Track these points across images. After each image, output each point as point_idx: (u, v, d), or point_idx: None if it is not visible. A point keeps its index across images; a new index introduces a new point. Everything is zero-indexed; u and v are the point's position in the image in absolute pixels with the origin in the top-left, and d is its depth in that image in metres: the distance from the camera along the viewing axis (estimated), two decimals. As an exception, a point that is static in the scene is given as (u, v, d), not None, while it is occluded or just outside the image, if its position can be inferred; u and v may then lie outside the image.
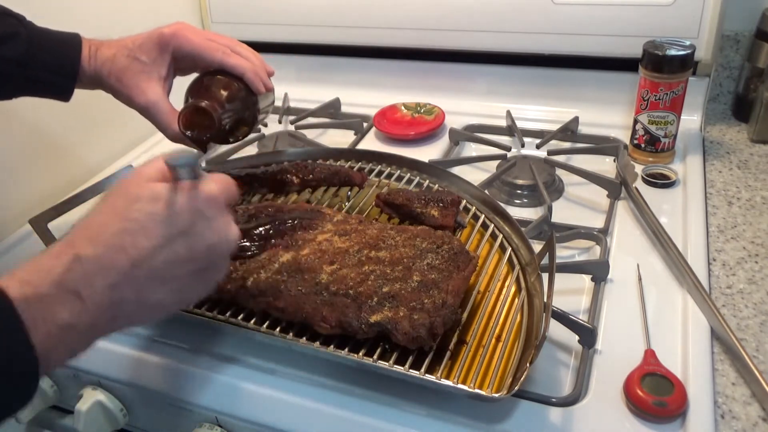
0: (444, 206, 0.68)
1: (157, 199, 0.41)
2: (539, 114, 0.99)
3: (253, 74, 0.67)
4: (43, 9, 0.86)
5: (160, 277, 0.42)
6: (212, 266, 0.45)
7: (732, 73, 0.98)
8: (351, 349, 0.53)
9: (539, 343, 0.49)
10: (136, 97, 0.65)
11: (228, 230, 0.45)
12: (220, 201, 0.45)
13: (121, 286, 0.40)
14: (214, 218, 0.44)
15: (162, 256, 0.41)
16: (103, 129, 0.98)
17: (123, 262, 0.40)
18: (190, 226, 0.42)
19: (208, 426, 0.58)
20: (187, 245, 0.42)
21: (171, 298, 0.43)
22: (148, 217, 0.41)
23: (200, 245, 0.43)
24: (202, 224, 0.43)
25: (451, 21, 0.99)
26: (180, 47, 0.66)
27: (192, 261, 0.43)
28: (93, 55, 0.65)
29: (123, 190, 0.43)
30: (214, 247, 0.44)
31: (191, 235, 0.42)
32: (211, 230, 0.44)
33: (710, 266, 0.66)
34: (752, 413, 0.51)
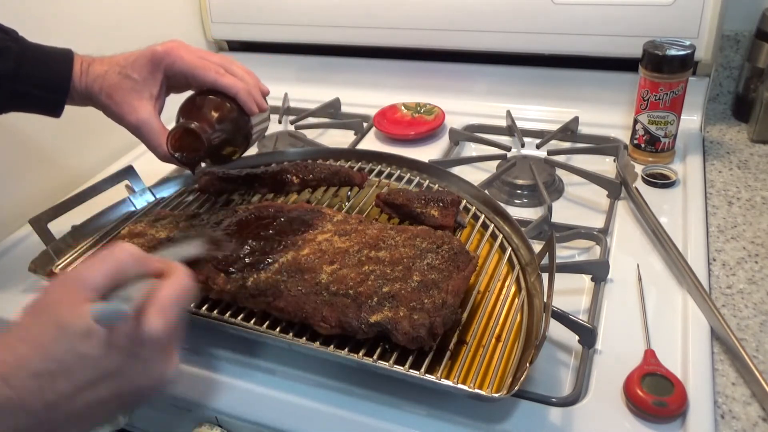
0: (444, 206, 0.68)
1: (90, 337, 0.37)
2: (539, 114, 0.99)
3: (246, 94, 0.66)
4: (43, 10, 0.87)
5: (78, 415, 0.39)
6: (135, 401, 0.42)
7: (732, 73, 0.98)
8: (351, 349, 0.53)
9: (539, 343, 0.49)
10: (126, 115, 0.64)
11: (165, 369, 0.41)
12: (162, 340, 0.40)
13: (29, 428, 0.37)
14: (151, 360, 0.40)
15: (82, 399, 0.38)
16: (103, 129, 0.97)
17: (36, 405, 0.37)
18: (122, 368, 0.39)
19: (208, 426, 0.58)
20: (113, 387, 0.39)
21: (90, 426, 0.41)
22: (74, 359, 0.37)
23: (128, 387, 0.40)
24: (135, 367, 0.39)
25: (451, 21, 0.99)
26: (173, 65, 0.65)
27: (116, 399, 0.40)
28: (84, 71, 0.65)
29: (54, 313, 0.38)
30: (143, 389, 0.41)
31: (120, 377, 0.39)
32: (144, 374, 0.40)
33: (710, 266, 0.66)
34: (752, 413, 0.51)
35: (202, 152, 0.63)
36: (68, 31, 0.90)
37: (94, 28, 0.74)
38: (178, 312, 0.41)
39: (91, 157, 0.97)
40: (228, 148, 0.68)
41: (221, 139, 0.65)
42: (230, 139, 0.66)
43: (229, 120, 0.65)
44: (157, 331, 0.39)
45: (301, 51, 1.15)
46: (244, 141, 0.68)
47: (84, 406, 0.38)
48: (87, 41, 0.91)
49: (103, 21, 0.96)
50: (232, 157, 0.69)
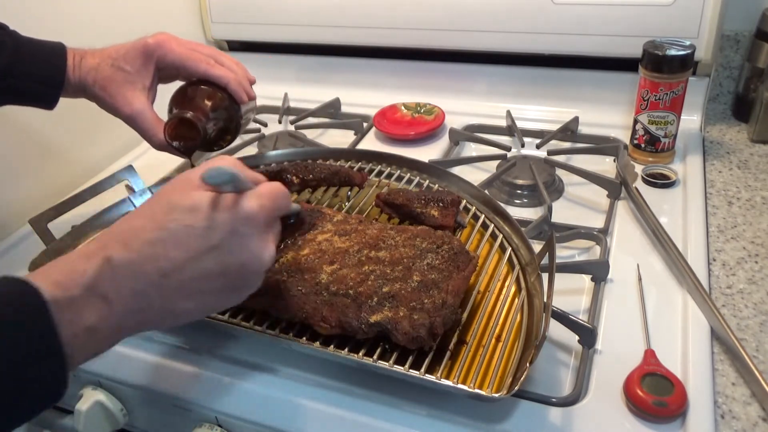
0: (444, 206, 0.68)
1: (196, 211, 0.41)
2: (539, 114, 0.99)
3: (237, 84, 0.68)
4: (43, 10, 0.86)
5: (188, 289, 0.42)
6: (242, 284, 0.45)
7: (732, 73, 0.98)
8: (351, 349, 0.53)
9: (539, 343, 0.49)
10: (121, 107, 0.65)
11: (263, 250, 0.45)
12: (258, 219, 0.44)
13: (148, 293, 0.41)
14: (250, 236, 0.43)
15: (192, 270, 0.42)
16: (103, 129, 0.98)
17: (153, 271, 0.40)
18: (225, 242, 0.42)
19: (208, 426, 0.58)
20: (218, 261, 0.42)
21: (197, 308, 0.44)
22: (183, 229, 0.41)
23: (232, 262, 0.43)
24: (236, 242, 0.43)
25: (451, 21, 0.99)
26: (164, 57, 0.66)
27: (222, 276, 0.43)
28: (77, 64, 0.66)
29: (165, 196, 0.43)
30: (247, 265, 0.44)
31: (224, 251, 0.42)
32: (245, 249, 0.43)
33: (710, 266, 0.66)
34: (752, 413, 0.51)
35: (199, 140, 0.64)
36: (68, 32, 0.90)
37: (94, 28, 0.75)
38: (274, 204, 0.45)
39: (91, 157, 0.97)
40: (221, 136, 0.69)
41: (215, 127, 0.67)
42: (223, 127, 0.68)
43: (221, 108, 0.67)
44: (253, 209, 0.43)
45: (301, 51, 1.15)
46: (236, 128, 0.70)
47: (194, 279, 0.42)
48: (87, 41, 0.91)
49: (102, 21, 0.96)
50: (224, 144, 0.71)
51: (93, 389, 0.63)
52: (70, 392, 0.66)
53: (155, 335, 0.63)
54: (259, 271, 0.45)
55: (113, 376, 0.62)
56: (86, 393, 0.63)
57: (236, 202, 0.43)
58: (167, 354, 0.61)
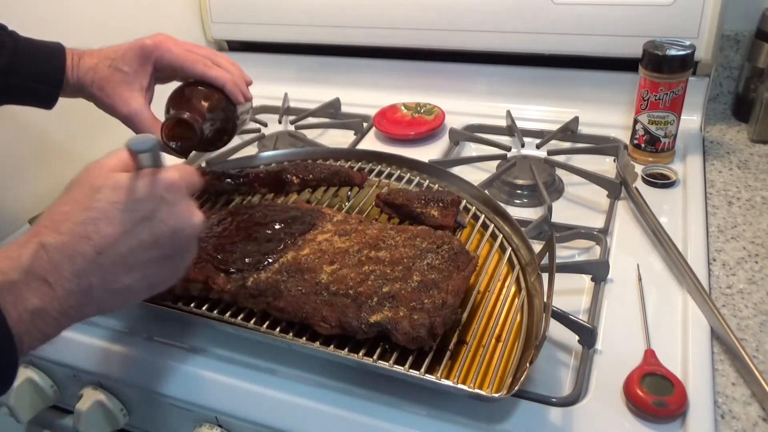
0: (444, 206, 0.68)
1: (119, 188, 0.43)
2: (539, 114, 0.99)
3: (233, 85, 0.68)
4: (42, 10, 0.86)
5: (126, 263, 0.43)
6: (178, 251, 0.46)
7: (732, 73, 0.98)
8: (351, 349, 0.53)
9: (539, 343, 0.49)
10: (118, 107, 0.65)
11: (191, 215, 0.46)
12: (181, 186, 0.46)
13: (87, 273, 0.41)
14: (176, 203, 0.45)
15: (126, 243, 0.43)
16: (103, 128, 0.98)
17: (88, 249, 0.41)
18: (153, 211, 0.44)
19: (208, 426, 0.58)
20: (150, 231, 0.43)
21: (139, 284, 0.45)
22: (110, 206, 0.42)
23: (164, 230, 0.44)
24: (164, 210, 0.44)
25: (451, 21, 0.99)
26: (162, 58, 0.66)
27: (156, 246, 0.44)
28: (75, 64, 0.66)
29: (85, 181, 0.44)
30: (178, 231, 0.45)
31: (154, 220, 0.44)
32: (173, 215, 0.45)
33: (710, 266, 0.66)
34: (752, 413, 0.51)
35: (196, 140, 0.64)
36: (68, 31, 0.90)
37: (94, 28, 0.75)
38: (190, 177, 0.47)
39: (91, 157, 0.96)
40: (218, 137, 0.70)
41: (212, 127, 0.67)
42: (220, 127, 0.68)
43: (218, 109, 0.67)
44: (174, 177, 0.45)
45: (301, 51, 1.15)
46: (232, 129, 0.71)
47: (129, 252, 0.43)
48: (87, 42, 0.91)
49: (102, 21, 0.96)
50: (220, 144, 0.72)
51: (93, 389, 0.63)
52: (70, 392, 0.66)
53: (155, 335, 0.63)
54: (191, 236, 0.47)
55: (113, 376, 0.62)
56: (86, 393, 0.63)
57: (157, 174, 0.44)
58: (167, 354, 0.61)
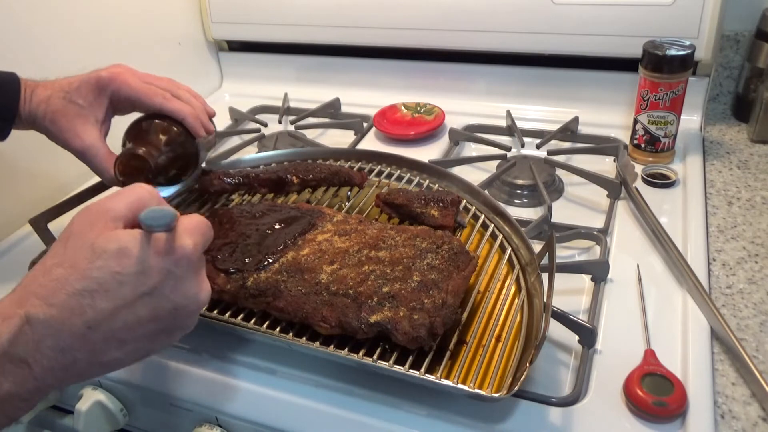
0: (444, 206, 0.68)
1: (124, 256, 0.38)
2: (539, 114, 0.99)
3: (194, 118, 0.67)
4: (41, 10, 0.86)
5: (118, 338, 0.39)
6: (176, 325, 0.43)
7: (732, 73, 0.98)
8: (351, 349, 0.53)
9: (539, 343, 0.49)
10: (71, 141, 0.63)
11: (198, 291, 0.42)
12: (193, 258, 0.41)
13: (73, 348, 0.38)
14: (185, 278, 0.41)
15: (122, 318, 0.39)
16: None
17: (78, 324, 0.37)
18: (157, 286, 0.39)
19: (208, 426, 0.58)
20: (150, 307, 0.40)
21: (128, 356, 0.41)
22: (111, 277, 0.38)
23: (165, 307, 0.40)
24: (170, 285, 0.40)
25: (451, 21, 0.99)
26: (118, 91, 0.64)
27: (154, 321, 0.40)
28: (28, 97, 0.64)
29: (87, 236, 0.39)
30: (181, 309, 0.41)
31: (157, 296, 0.40)
32: (179, 291, 0.41)
33: (710, 266, 0.66)
34: (752, 413, 0.51)
35: (150, 175, 0.63)
36: (67, 32, 0.90)
37: (94, 28, 0.74)
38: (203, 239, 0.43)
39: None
40: (176, 171, 0.69)
41: (169, 161, 0.66)
42: (178, 161, 0.67)
43: (176, 143, 0.66)
44: (188, 248, 0.41)
45: (301, 51, 1.15)
46: (193, 162, 0.70)
47: (124, 328, 0.39)
48: (86, 42, 0.91)
49: (102, 21, 0.96)
50: (182, 178, 0.71)
51: (93, 389, 0.63)
52: (70, 392, 0.66)
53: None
54: (194, 312, 0.43)
55: (113, 376, 0.62)
56: (86, 393, 0.63)
57: (170, 243, 0.40)
58: (167, 354, 0.61)
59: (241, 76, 1.21)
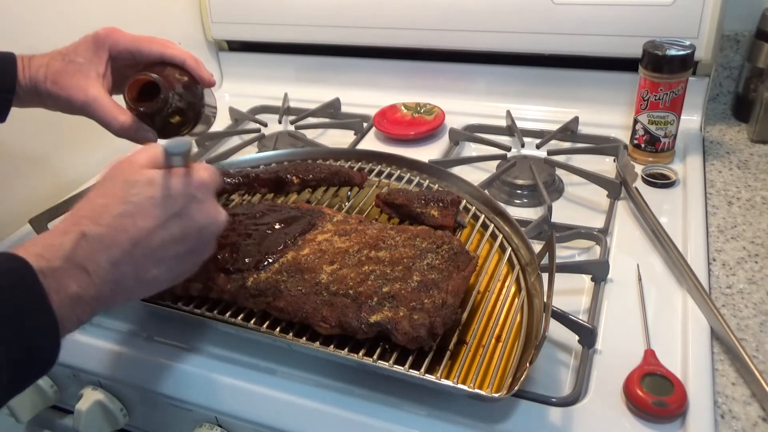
0: (444, 206, 0.68)
1: (153, 184, 0.45)
2: (539, 114, 0.99)
3: (194, 61, 0.66)
4: (41, 10, 0.86)
5: (157, 256, 0.45)
6: (201, 247, 0.49)
7: (732, 73, 0.98)
8: (351, 349, 0.53)
9: (539, 343, 0.49)
10: (74, 95, 0.62)
11: (217, 213, 0.49)
12: (210, 186, 0.48)
13: (122, 263, 0.44)
14: (205, 201, 0.48)
15: (159, 237, 0.45)
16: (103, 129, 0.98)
17: (124, 241, 0.43)
18: (184, 208, 0.46)
19: (208, 426, 0.58)
20: (181, 226, 0.46)
21: (164, 275, 0.47)
22: (146, 201, 0.44)
23: (193, 226, 0.47)
24: (194, 207, 0.47)
25: (451, 21, 0.99)
26: (117, 43, 0.64)
27: (184, 240, 0.47)
28: (26, 64, 0.64)
29: (120, 176, 0.46)
30: (205, 228, 0.48)
31: (185, 216, 0.46)
32: (202, 212, 0.47)
33: (710, 266, 0.66)
34: (752, 413, 0.51)
35: (160, 105, 0.62)
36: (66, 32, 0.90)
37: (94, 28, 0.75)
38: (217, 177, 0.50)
39: (91, 157, 0.97)
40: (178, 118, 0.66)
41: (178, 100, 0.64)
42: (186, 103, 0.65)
43: (182, 84, 0.65)
44: (205, 177, 0.48)
45: (301, 51, 1.15)
46: (197, 112, 0.67)
47: (161, 245, 0.45)
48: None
49: (102, 21, 0.96)
50: (180, 130, 0.68)
51: (93, 389, 0.63)
52: (70, 392, 0.66)
53: (155, 335, 0.63)
54: (215, 233, 0.49)
55: (113, 376, 0.62)
56: (86, 393, 0.63)
57: (189, 173, 0.47)
58: (167, 354, 0.61)
59: (241, 76, 1.21)
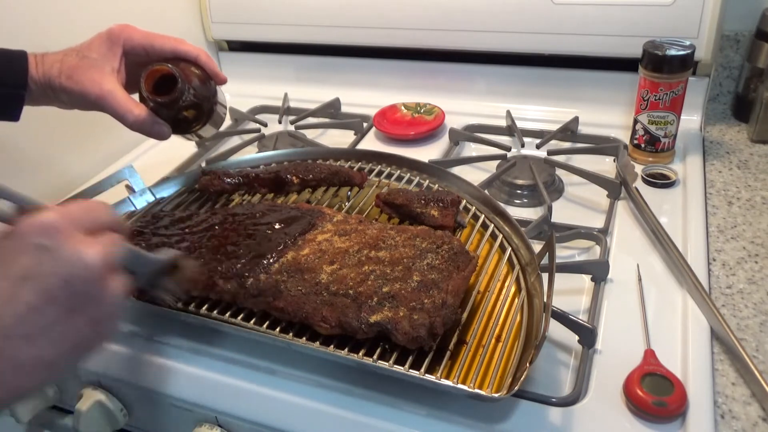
0: (444, 206, 0.68)
1: None
2: (539, 114, 0.99)
3: (207, 57, 0.67)
4: (40, 10, 0.86)
5: (19, 334, 0.37)
6: (85, 301, 0.39)
7: (732, 73, 0.98)
8: (351, 349, 0.53)
9: (539, 343, 0.49)
10: (89, 89, 0.62)
11: (80, 256, 0.39)
12: (60, 227, 0.39)
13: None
14: (59, 248, 0.38)
15: (11, 312, 0.37)
16: (104, 130, 0.98)
17: None
18: (32, 267, 0.37)
19: (208, 426, 0.58)
20: (35, 290, 0.37)
21: (52, 351, 0.38)
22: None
23: (52, 283, 0.38)
24: (45, 260, 0.38)
25: (451, 21, 0.99)
26: (130, 39, 0.65)
27: (51, 304, 0.38)
28: (40, 61, 0.64)
29: None
30: (71, 279, 0.38)
31: (36, 276, 0.37)
32: (59, 263, 0.38)
33: (710, 266, 0.66)
34: (752, 413, 0.51)
35: (176, 93, 0.62)
36: (66, 32, 0.90)
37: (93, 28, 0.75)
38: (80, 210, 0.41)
39: (91, 157, 0.97)
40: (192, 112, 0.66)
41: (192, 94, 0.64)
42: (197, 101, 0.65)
43: (196, 77, 0.65)
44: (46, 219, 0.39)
45: (301, 51, 1.15)
46: (208, 111, 0.68)
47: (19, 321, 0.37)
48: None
49: (101, 21, 0.96)
50: (193, 126, 0.68)
51: (93, 389, 0.63)
52: (70, 392, 0.66)
53: (155, 335, 0.63)
54: (94, 278, 0.39)
55: (113, 376, 0.62)
56: (86, 393, 0.63)
57: (27, 221, 0.39)
58: (167, 354, 0.61)
59: (241, 76, 1.20)
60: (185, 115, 0.66)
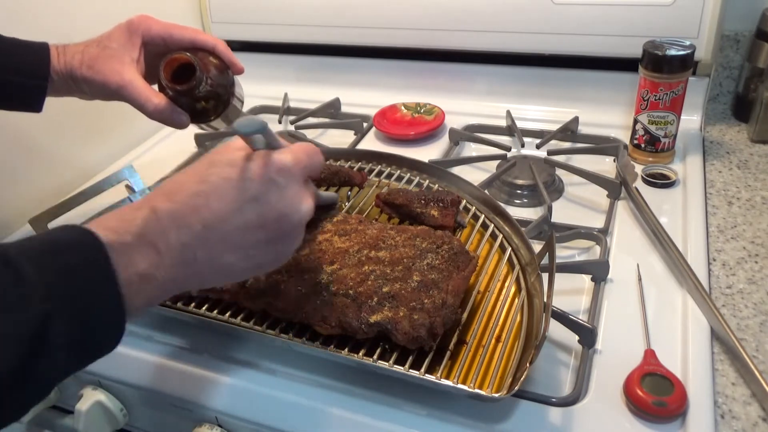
0: (444, 206, 0.68)
1: (233, 165, 0.43)
2: (539, 114, 0.99)
3: (224, 47, 0.68)
4: (40, 10, 0.87)
5: (231, 241, 0.43)
6: (283, 236, 0.46)
7: (732, 73, 0.98)
8: (351, 349, 0.53)
9: (539, 343, 0.49)
10: (110, 79, 0.64)
11: (299, 201, 0.46)
12: (293, 171, 0.45)
13: (193, 245, 0.42)
14: (286, 187, 0.45)
15: (233, 221, 0.43)
16: (104, 129, 0.98)
17: (195, 222, 0.42)
18: (262, 193, 0.44)
19: (208, 426, 0.58)
20: (257, 212, 0.43)
21: (242, 263, 0.44)
22: (222, 181, 0.43)
23: (271, 213, 0.44)
24: (273, 192, 0.44)
25: (451, 21, 0.99)
26: (149, 30, 0.66)
27: (262, 229, 0.44)
28: (61, 52, 0.65)
29: (210, 156, 0.45)
30: (285, 216, 0.45)
31: (262, 202, 0.44)
32: (282, 199, 0.44)
33: (710, 266, 0.66)
34: (752, 413, 0.51)
35: (195, 81, 0.63)
36: (66, 32, 0.90)
37: (93, 28, 0.75)
38: (308, 159, 0.47)
39: (91, 157, 0.97)
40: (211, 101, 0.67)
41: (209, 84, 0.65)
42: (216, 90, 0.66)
43: (214, 67, 0.66)
44: (287, 160, 0.45)
45: (301, 51, 1.15)
46: (225, 101, 0.68)
47: (235, 230, 0.43)
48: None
49: (101, 22, 0.96)
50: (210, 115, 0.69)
51: (93, 389, 0.63)
52: (70, 392, 0.66)
53: (155, 335, 0.63)
54: (298, 223, 0.46)
55: (113, 376, 0.62)
56: (86, 393, 0.63)
57: (269, 155, 0.45)
58: (167, 354, 0.61)
59: (241, 76, 1.21)
60: (204, 105, 0.67)
